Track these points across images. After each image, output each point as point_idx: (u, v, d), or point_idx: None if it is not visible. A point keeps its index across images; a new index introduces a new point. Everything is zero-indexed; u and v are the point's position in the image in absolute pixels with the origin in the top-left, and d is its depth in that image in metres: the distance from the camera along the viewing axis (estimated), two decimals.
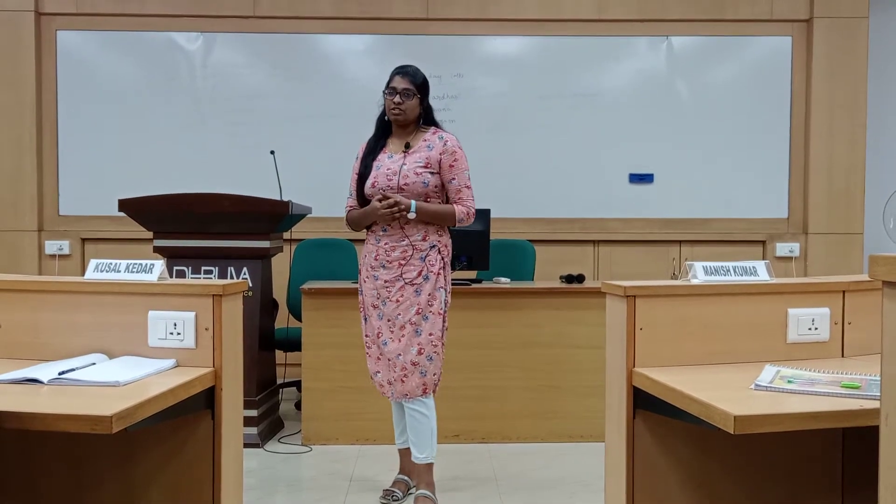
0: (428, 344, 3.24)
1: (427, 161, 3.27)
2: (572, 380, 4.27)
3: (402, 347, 3.24)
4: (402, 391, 3.26)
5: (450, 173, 3.29)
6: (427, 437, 3.31)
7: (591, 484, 3.53)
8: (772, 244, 5.81)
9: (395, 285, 3.25)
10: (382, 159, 3.31)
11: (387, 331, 3.27)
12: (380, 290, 3.28)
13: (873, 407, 1.65)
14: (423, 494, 3.32)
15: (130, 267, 2.28)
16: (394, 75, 3.32)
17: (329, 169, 5.65)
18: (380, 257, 3.28)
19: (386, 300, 3.27)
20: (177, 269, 4.18)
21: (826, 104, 5.75)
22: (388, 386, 3.31)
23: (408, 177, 3.24)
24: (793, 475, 2.32)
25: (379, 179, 3.27)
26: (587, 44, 5.76)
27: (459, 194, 3.30)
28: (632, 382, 2.17)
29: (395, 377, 3.26)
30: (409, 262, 3.24)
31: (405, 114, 3.29)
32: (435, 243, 3.28)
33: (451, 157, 3.28)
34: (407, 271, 3.24)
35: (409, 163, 3.26)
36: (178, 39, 5.71)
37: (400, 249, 3.25)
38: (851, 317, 2.33)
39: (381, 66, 5.72)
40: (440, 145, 3.29)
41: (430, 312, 3.25)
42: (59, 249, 5.68)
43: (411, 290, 3.24)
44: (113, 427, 1.64)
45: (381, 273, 3.28)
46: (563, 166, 5.76)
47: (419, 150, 3.29)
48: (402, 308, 3.24)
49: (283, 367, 4.71)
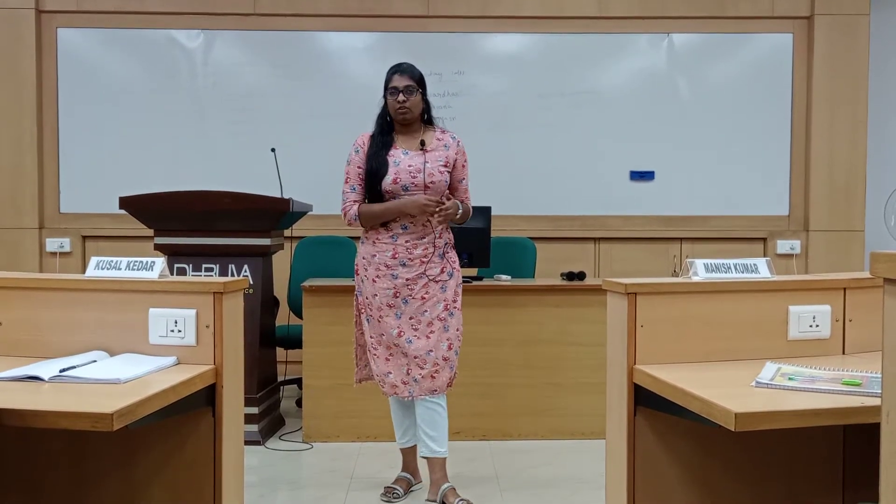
0: (456, 339, 3.30)
1: (447, 160, 3.32)
2: (573, 377, 4.27)
3: (433, 344, 3.24)
4: (432, 387, 3.25)
5: (461, 173, 3.38)
6: (445, 431, 3.34)
7: (592, 481, 3.54)
8: (773, 241, 5.81)
9: (419, 283, 3.25)
10: (398, 156, 3.28)
11: (409, 329, 3.25)
12: (399, 288, 3.25)
13: (874, 404, 1.65)
14: (451, 487, 3.35)
15: (131, 264, 2.28)
16: (392, 75, 3.32)
17: (330, 166, 5.60)
18: (399, 255, 3.25)
19: (407, 298, 3.25)
20: (177, 266, 4.18)
21: (827, 101, 5.74)
22: (403, 386, 3.27)
23: (433, 175, 3.26)
24: (794, 472, 2.32)
25: (401, 176, 3.24)
26: (588, 41, 5.76)
27: (466, 194, 3.42)
28: (633, 380, 2.17)
29: (424, 374, 3.23)
30: (430, 259, 3.26)
31: (411, 111, 3.29)
32: (448, 240, 3.35)
33: (463, 158, 3.39)
34: (430, 268, 3.26)
35: (431, 161, 3.28)
36: (178, 37, 5.71)
37: (422, 247, 3.26)
38: (852, 314, 2.33)
39: (381, 63, 5.66)
40: (454, 145, 3.36)
41: (456, 308, 3.31)
42: (59, 247, 5.68)
43: (437, 287, 3.26)
44: (114, 424, 1.64)
45: (400, 271, 3.25)
46: (563, 164, 5.76)
47: (437, 149, 3.32)
48: (428, 305, 3.25)
49: (284, 365, 4.71)
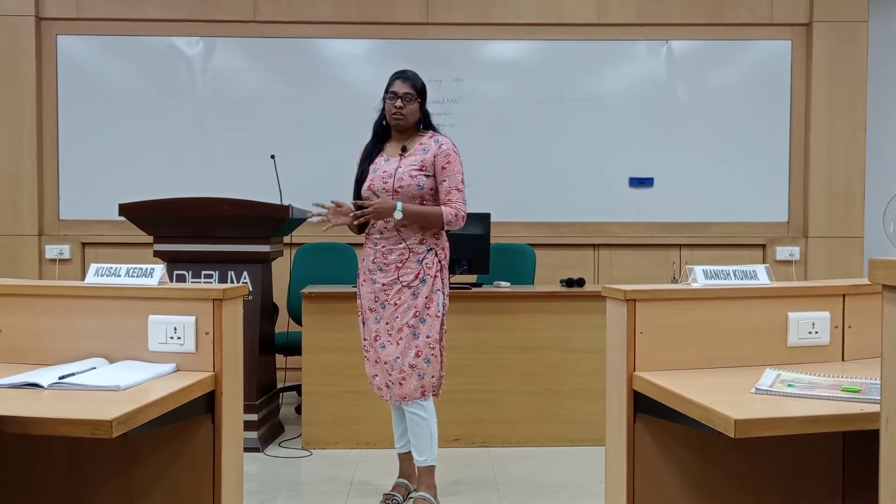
0: (425, 347, 3.25)
1: (422, 164, 3.28)
2: (572, 384, 4.26)
3: (401, 350, 3.24)
4: (401, 394, 3.26)
5: (442, 175, 3.28)
6: (427, 440, 3.31)
7: (591, 488, 3.53)
8: (772, 248, 5.81)
9: (393, 288, 3.25)
10: (379, 162, 3.34)
11: (385, 334, 3.28)
12: (377, 293, 3.29)
13: (874, 410, 1.65)
14: (421, 496, 3.33)
15: (131, 271, 2.28)
16: (394, 80, 3.34)
17: (329, 173, 5.63)
18: (377, 260, 3.30)
19: (384, 303, 3.27)
20: (177, 273, 4.18)
21: (826, 108, 5.75)
22: (386, 389, 3.32)
23: (402, 179, 3.25)
24: (793, 479, 2.32)
25: (375, 182, 3.29)
26: (587, 48, 5.77)
27: (449, 196, 3.27)
28: (632, 386, 2.17)
29: (393, 380, 3.26)
30: (405, 264, 3.25)
31: (406, 118, 3.31)
32: (432, 246, 3.29)
33: (445, 160, 3.28)
34: (404, 274, 3.25)
35: (404, 165, 3.28)
36: (178, 44, 5.72)
37: (397, 252, 3.26)
38: (852, 320, 2.33)
39: (381, 70, 5.72)
40: (435, 148, 3.30)
41: (428, 315, 3.25)
42: (59, 254, 5.68)
43: (409, 293, 3.24)
44: (113, 431, 1.64)
45: (378, 276, 3.29)
46: (563, 170, 5.76)
47: (415, 153, 3.31)
48: (399, 311, 3.24)
49: (284, 371, 4.71)
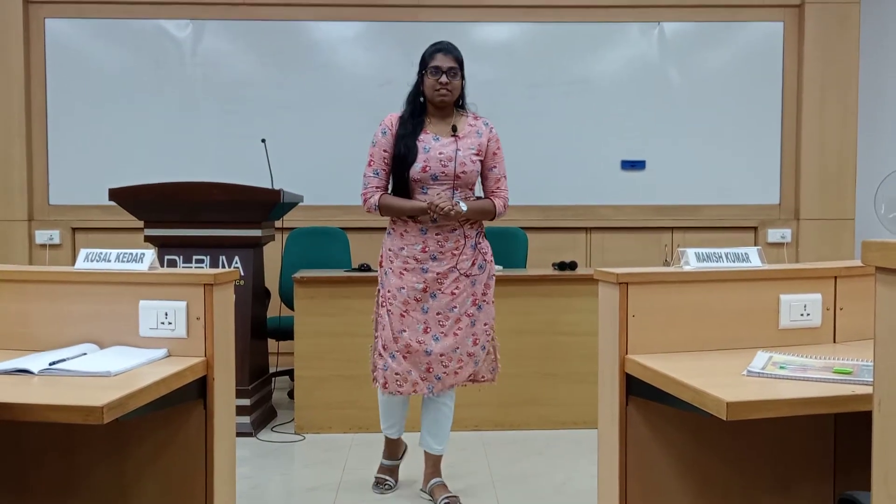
0: (483, 334, 3.18)
1: (479, 148, 3.16)
2: (565, 367, 4.27)
3: (460, 341, 3.14)
4: (453, 382, 3.17)
5: (492, 160, 3.20)
6: (447, 431, 3.29)
7: (584, 470, 3.55)
8: (763, 230, 5.82)
9: (449, 277, 3.12)
10: (428, 141, 3.13)
11: (436, 325, 3.13)
12: (429, 282, 3.12)
13: (865, 392, 1.66)
14: (440, 483, 3.32)
15: (121, 256, 2.27)
16: (434, 53, 3.12)
17: (320, 157, 5.65)
18: (429, 248, 3.13)
19: (436, 293, 3.13)
20: (168, 258, 4.17)
21: (818, 90, 5.75)
22: (422, 383, 3.14)
23: (465, 164, 3.11)
24: (785, 460, 2.33)
25: (431, 164, 3.10)
26: (578, 30, 5.75)
27: (498, 184, 3.22)
28: (624, 369, 2.17)
29: (448, 371, 3.14)
30: (462, 251, 3.15)
31: (452, 94, 3.13)
32: (479, 230, 3.23)
33: (496, 145, 3.21)
34: (461, 262, 3.14)
35: (463, 148, 3.13)
36: (167, 27, 5.67)
37: (453, 239, 3.14)
38: (843, 302, 2.34)
39: (371, 53, 5.72)
40: (487, 131, 3.20)
41: (485, 302, 3.19)
42: (49, 239, 5.65)
43: (467, 282, 3.15)
44: (104, 417, 1.63)
45: (431, 265, 3.12)
46: (554, 153, 5.75)
47: (469, 136, 3.16)
48: (457, 301, 3.13)
49: (276, 356, 4.71)
